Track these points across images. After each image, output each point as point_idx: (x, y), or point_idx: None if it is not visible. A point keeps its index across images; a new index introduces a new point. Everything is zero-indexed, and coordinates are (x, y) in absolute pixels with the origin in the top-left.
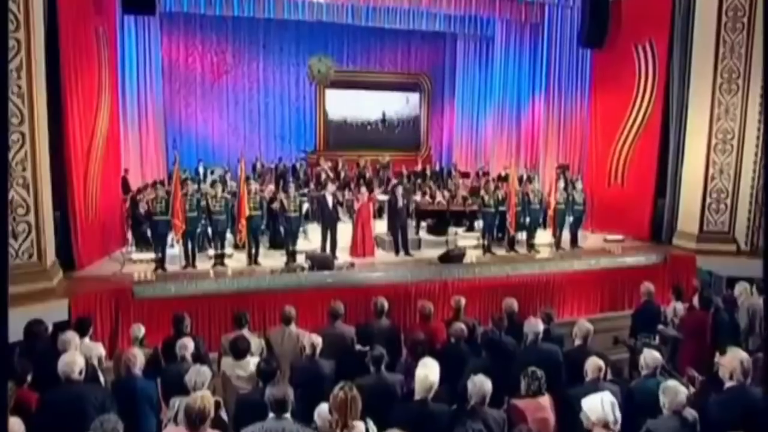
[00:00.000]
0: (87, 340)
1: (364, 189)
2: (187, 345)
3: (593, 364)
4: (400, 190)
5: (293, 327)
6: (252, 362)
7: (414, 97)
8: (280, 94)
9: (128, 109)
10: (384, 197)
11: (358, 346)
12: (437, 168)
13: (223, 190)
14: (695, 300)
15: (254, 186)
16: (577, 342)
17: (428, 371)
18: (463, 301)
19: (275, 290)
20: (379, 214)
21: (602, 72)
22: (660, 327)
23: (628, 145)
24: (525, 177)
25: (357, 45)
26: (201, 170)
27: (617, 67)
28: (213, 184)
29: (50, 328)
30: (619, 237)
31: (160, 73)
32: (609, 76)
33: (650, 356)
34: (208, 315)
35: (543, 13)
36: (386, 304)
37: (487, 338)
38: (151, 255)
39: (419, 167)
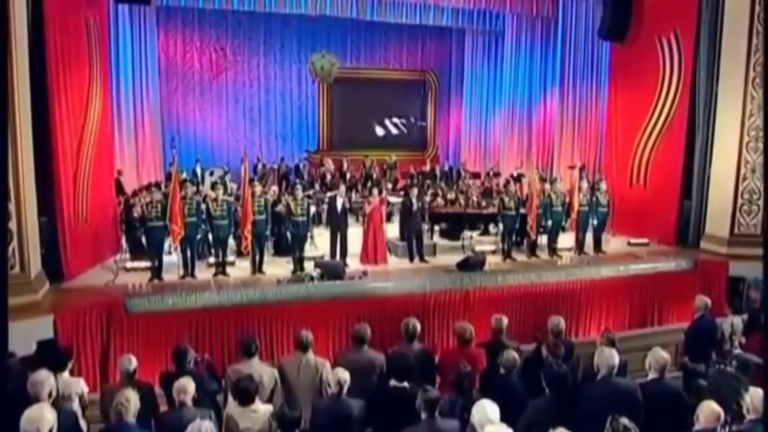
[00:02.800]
0: (66, 374)
1: (375, 190)
2: (186, 388)
3: (710, 410)
4: (415, 191)
5: (311, 355)
6: (262, 409)
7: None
8: (281, 91)
9: (123, 108)
10: (396, 199)
11: (392, 382)
12: (446, 168)
13: (225, 193)
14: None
15: (258, 188)
16: (652, 375)
17: (490, 414)
18: (505, 321)
19: (283, 302)
20: (387, 217)
21: (622, 67)
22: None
23: (651, 144)
24: (546, 178)
25: (361, 41)
26: (199, 171)
27: (639, 62)
28: (214, 186)
29: (34, 347)
30: (644, 241)
31: (156, 70)
32: (630, 71)
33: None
34: (210, 331)
35: (556, 6)
36: (418, 327)
37: (552, 373)
38: (147, 263)
39: (427, 167)
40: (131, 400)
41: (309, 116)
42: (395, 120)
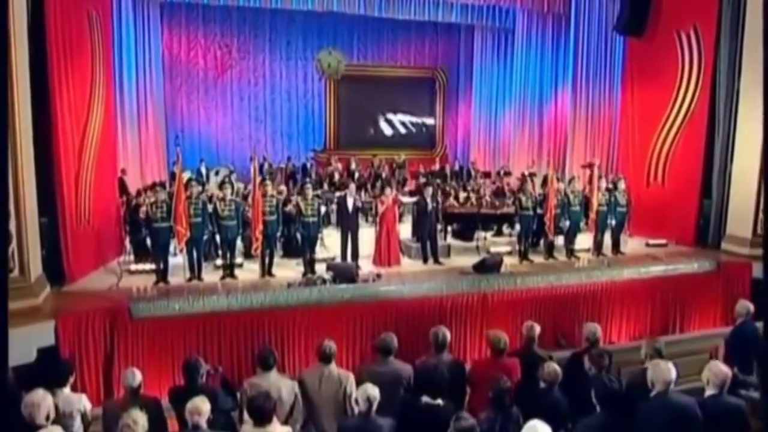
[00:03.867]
0: (67, 390)
1: (388, 190)
2: (201, 409)
3: None
4: (429, 191)
5: (334, 366)
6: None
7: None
8: (287, 89)
9: (126, 106)
10: (407, 199)
11: (424, 398)
12: (456, 167)
13: (233, 193)
14: None
15: (269, 188)
16: (710, 391)
17: None
18: (537, 328)
19: (294, 306)
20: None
21: (639, 62)
22: None
23: (669, 142)
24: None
25: (368, 38)
26: (204, 171)
27: (657, 57)
28: (222, 185)
29: (34, 354)
30: (662, 241)
31: (160, 68)
32: (647, 67)
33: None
34: (218, 337)
35: (568, 2)
36: (449, 336)
37: (605, 389)
38: (152, 266)
39: (437, 166)
40: (139, 422)
41: (315, 115)
42: (402, 117)
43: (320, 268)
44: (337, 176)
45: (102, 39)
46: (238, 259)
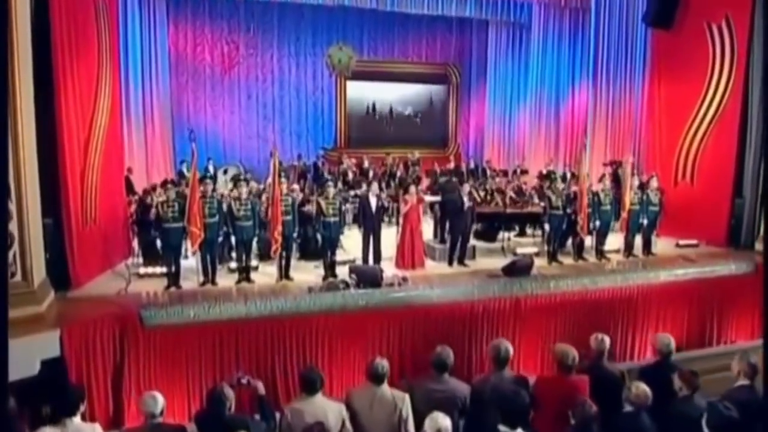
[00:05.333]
0: (77, 420)
1: (413, 188)
2: None
3: None
4: (466, 188)
5: (386, 387)
6: None
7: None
8: (296, 86)
9: (132, 103)
10: (432, 198)
11: (502, 428)
12: (472, 165)
13: (249, 192)
14: None
15: (285, 186)
16: None
17: None
18: (607, 341)
19: (317, 312)
20: None
21: (667, 56)
22: None
23: (699, 138)
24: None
25: (378, 33)
26: (212, 169)
27: (686, 50)
28: (236, 183)
29: (37, 367)
30: (693, 242)
31: (167, 64)
32: (675, 61)
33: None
34: (236, 346)
35: None
36: (511, 350)
37: (722, 418)
38: (162, 269)
39: (452, 165)
40: None
41: (325, 112)
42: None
43: (341, 271)
44: (350, 175)
45: (108, 29)
46: (253, 262)
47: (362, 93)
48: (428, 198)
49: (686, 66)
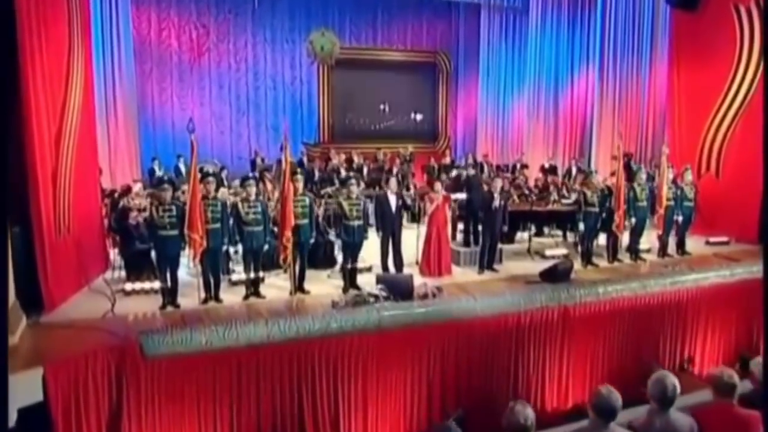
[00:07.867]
0: None
1: (439, 186)
2: None
3: None
4: (498, 184)
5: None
6: None
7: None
8: (272, 76)
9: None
10: (458, 196)
11: None
12: (470, 160)
13: (258, 193)
14: None
15: (299, 184)
16: None
17: None
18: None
19: (349, 332)
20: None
21: (690, 40)
22: None
23: (725, 128)
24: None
25: (361, 18)
26: (182, 168)
27: (711, 33)
28: (244, 183)
29: (14, 417)
30: (724, 239)
31: (131, 51)
32: (699, 45)
33: None
34: (257, 378)
35: None
36: (678, 387)
37: None
38: (151, 284)
39: (447, 160)
40: None
41: (305, 104)
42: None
43: (364, 281)
44: (343, 172)
45: (79, 4)
46: (261, 273)
47: (345, 83)
48: (456, 196)
49: (711, 50)
